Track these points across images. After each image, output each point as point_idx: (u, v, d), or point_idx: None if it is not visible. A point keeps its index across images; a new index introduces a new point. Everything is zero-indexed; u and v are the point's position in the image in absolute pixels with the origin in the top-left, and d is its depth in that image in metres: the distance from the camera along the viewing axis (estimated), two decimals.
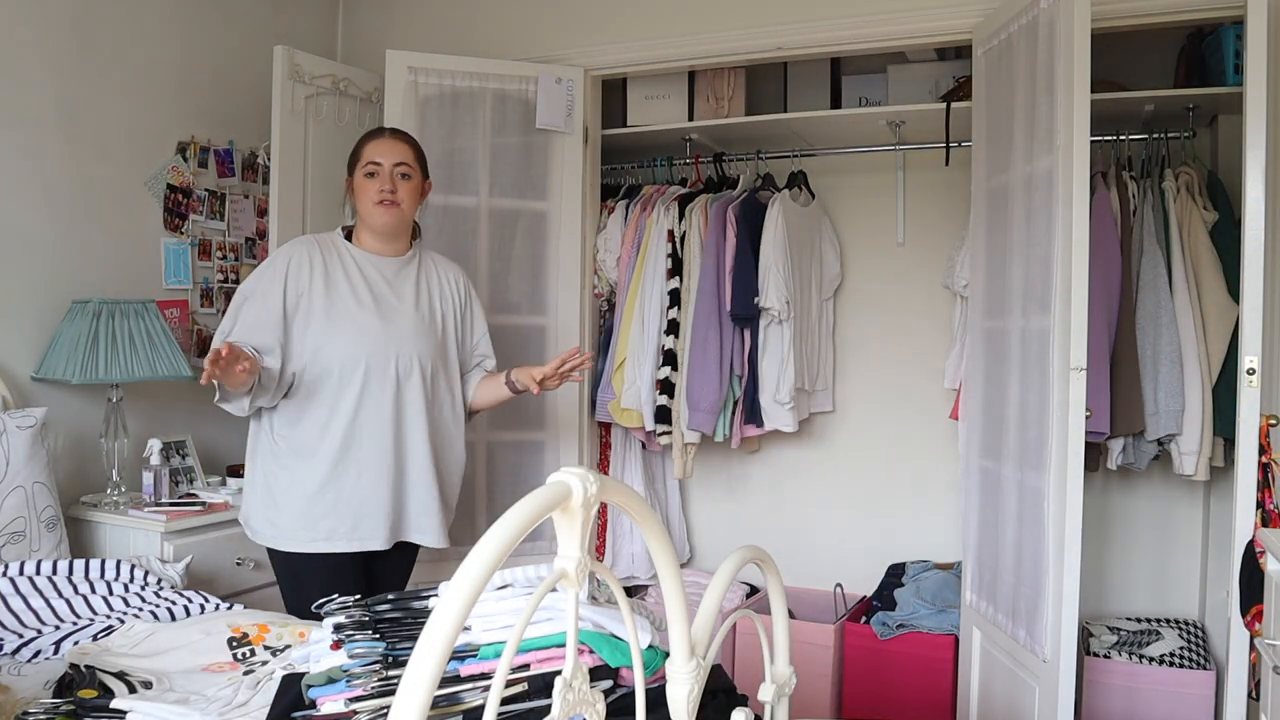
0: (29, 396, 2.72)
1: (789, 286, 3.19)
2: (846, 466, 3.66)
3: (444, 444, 2.46)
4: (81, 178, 2.87)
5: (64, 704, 1.59)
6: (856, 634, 3.16)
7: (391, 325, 2.36)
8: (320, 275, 2.34)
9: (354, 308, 2.34)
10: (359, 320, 2.33)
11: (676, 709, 1.26)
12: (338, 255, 2.39)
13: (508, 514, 0.90)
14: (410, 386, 2.36)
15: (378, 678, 1.43)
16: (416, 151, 2.44)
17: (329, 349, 2.30)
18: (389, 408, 2.33)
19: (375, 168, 2.37)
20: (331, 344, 2.30)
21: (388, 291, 2.40)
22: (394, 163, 2.37)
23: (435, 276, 2.50)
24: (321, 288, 2.33)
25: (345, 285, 2.35)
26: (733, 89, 3.48)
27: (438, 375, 2.43)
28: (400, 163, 2.38)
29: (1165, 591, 3.22)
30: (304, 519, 2.30)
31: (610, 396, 3.40)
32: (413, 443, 2.37)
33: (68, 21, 2.82)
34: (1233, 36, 2.73)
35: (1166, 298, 2.79)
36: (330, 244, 2.41)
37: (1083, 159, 2.27)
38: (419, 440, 2.38)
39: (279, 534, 2.33)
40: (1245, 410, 2.24)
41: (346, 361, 2.30)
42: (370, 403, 2.32)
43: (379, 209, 2.36)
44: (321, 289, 2.33)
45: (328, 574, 2.28)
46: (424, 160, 2.47)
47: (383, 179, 2.36)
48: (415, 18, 3.62)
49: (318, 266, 2.35)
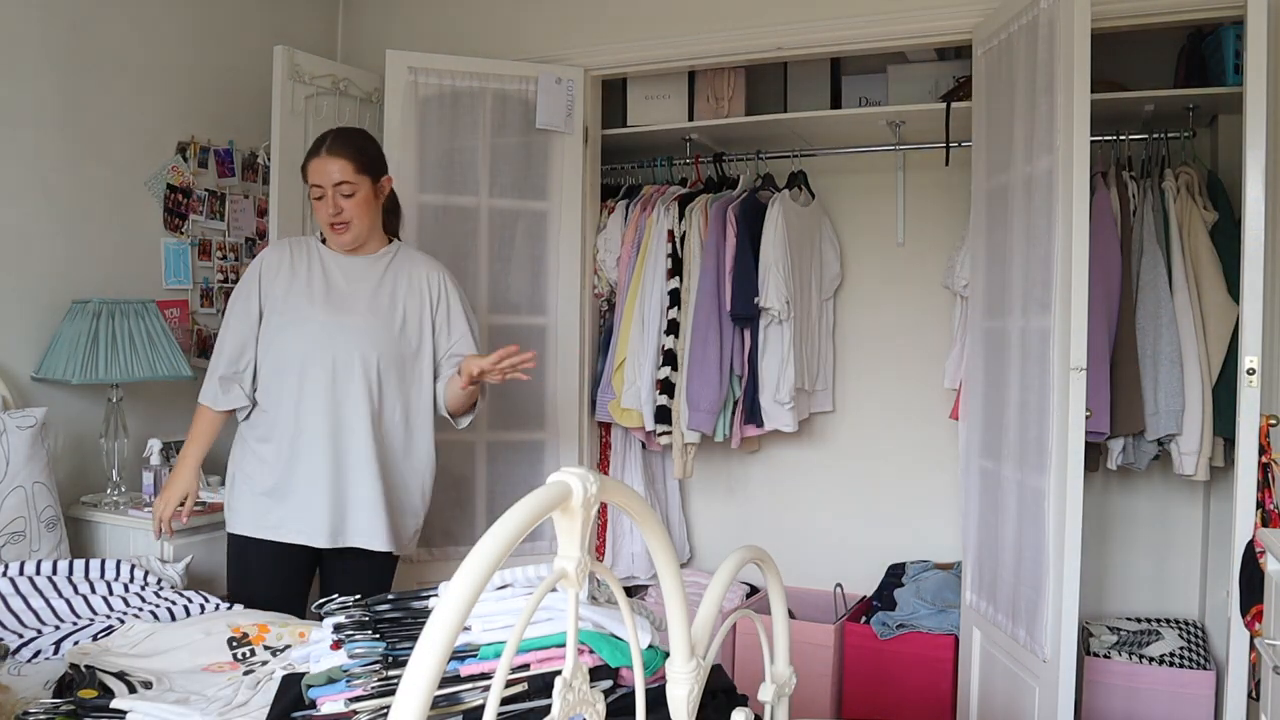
0: (29, 396, 2.72)
1: (789, 286, 3.19)
2: (847, 466, 3.66)
3: (394, 445, 2.40)
4: (81, 178, 2.87)
5: (64, 704, 1.59)
6: (856, 634, 3.16)
7: (336, 321, 2.34)
8: (287, 275, 2.38)
9: (304, 306, 2.36)
10: (304, 317, 2.35)
11: (676, 709, 1.26)
12: (308, 256, 2.41)
13: (508, 514, 0.90)
14: (350, 385, 2.33)
15: (378, 678, 1.43)
16: (358, 161, 2.34)
17: (277, 346, 2.36)
18: (326, 406, 2.32)
19: (319, 190, 2.33)
20: (279, 341, 2.35)
21: (345, 290, 2.39)
22: (334, 184, 2.31)
23: (407, 275, 2.45)
24: (284, 288, 2.37)
25: (304, 284, 2.37)
26: (733, 89, 3.48)
27: (388, 375, 2.38)
28: (340, 182, 2.31)
29: (1165, 591, 3.22)
30: (256, 507, 2.35)
31: (610, 396, 3.40)
32: (354, 442, 2.34)
33: (68, 21, 2.82)
34: (1233, 36, 2.73)
35: (1166, 298, 2.79)
36: (304, 246, 2.44)
37: (1083, 159, 2.27)
38: (361, 440, 2.34)
39: (235, 517, 2.38)
40: (1245, 410, 2.24)
41: (291, 359, 2.34)
42: (309, 400, 2.32)
43: (331, 233, 2.38)
44: (284, 289, 2.37)
45: (274, 564, 2.33)
46: (372, 162, 2.39)
47: (327, 203, 2.32)
48: (415, 18, 3.62)
49: (285, 267, 2.39)
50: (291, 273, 2.39)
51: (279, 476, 2.33)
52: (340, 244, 2.40)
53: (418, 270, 2.47)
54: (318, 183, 2.33)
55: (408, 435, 2.43)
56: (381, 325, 2.38)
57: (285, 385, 2.34)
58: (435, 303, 2.47)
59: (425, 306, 2.45)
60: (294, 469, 2.33)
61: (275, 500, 2.33)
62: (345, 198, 2.32)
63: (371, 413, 2.35)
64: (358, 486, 2.35)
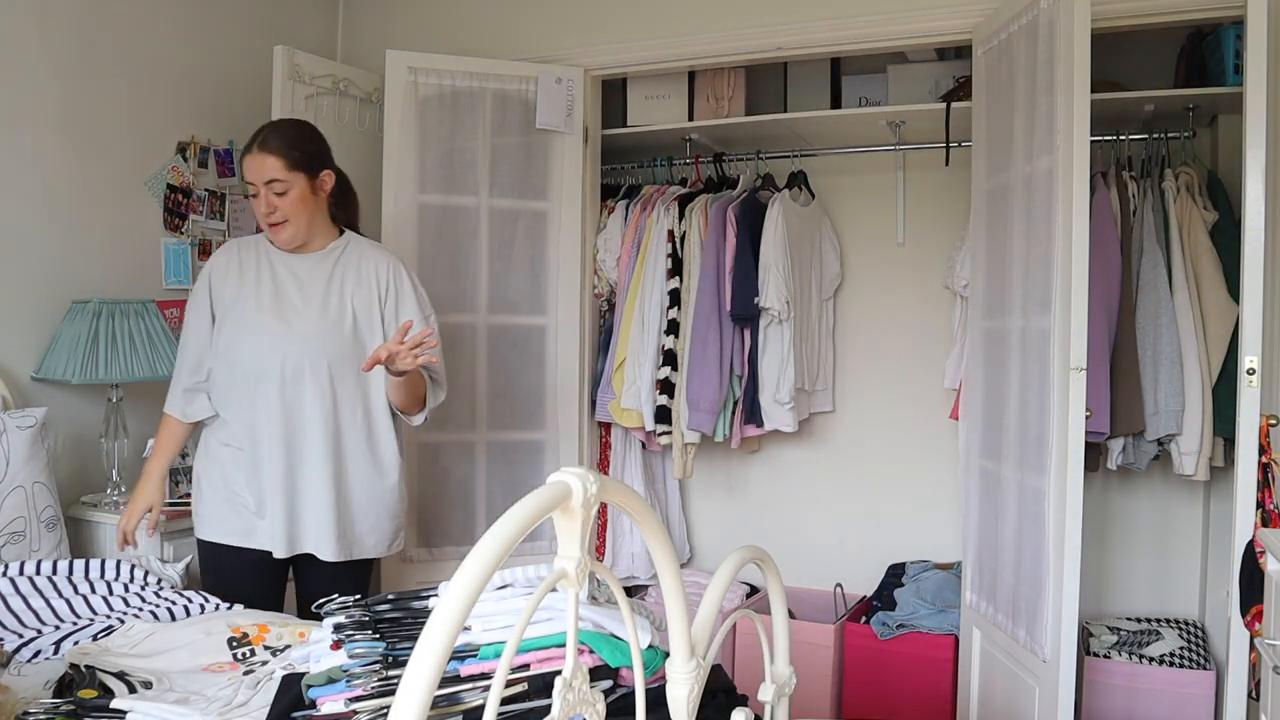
0: (29, 396, 2.72)
1: (789, 286, 3.19)
2: (846, 466, 3.66)
3: (354, 448, 2.35)
4: (81, 178, 2.87)
5: (64, 704, 1.59)
6: (856, 634, 3.16)
7: (285, 328, 2.28)
8: (236, 280, 2.34)
9: (253, 312, 2.30)
10: (254, 324, 2.29)
11: (676, 709, 1.26)
12: (257, 257, 2.36)
13: (508, 514, 0.90)
14: (302, 392, 2.28)
15: (378, 678, 1.43)
16: (289, 158, 2.26)
17: (229, 358, 2.31)
18: (280, 415, 2.27)
19: (253, 188, 2.28)
20: (232, 349, 2.31)
21: (295, 293, 2.32)
22: (265, 181, 2.25)
23: (355, 270, 2.37)
24: (235, 293, 2.32)
25: (253, 289, 2.32)
26: (733, 89, 3.48)
27: (342, 378, 2.31)
28: (271, 180, 2.25)
29: (1165, 591, 3.22)
30: (221, 513, 2.34)
31: (610, 396, 3.40)
32: (308, 450, 2.29)
33: (68, 21, 2.82)
34: (1233, 36, 2.73)
35: (1166, 298, 2.79)
36: (253, 247, 2.38)
37: (1083, 159, 2.27)
38: (315, 447, 2.29)
39: (203, 523, 2.37)
40: (1245, 410, 2.24)
41: (243, 369, 2.29)
42: (263, 411, 2.28)
43: (271, 231, 2.32)
44: (235, 294, 2.32)
45: (246, 569, 2.32)
46: (307, 158, 2.30)
47: (260, 201, 2.27)
48: (415, 18, 3.62)
49: (234, 271, 2.34)
50: (240, 278, 2.33)
51: (240, 484, 2.31)
52: (280, 242, 2.33)
53: (366, 264, 2.38)
54: (250, 180, 2.27)
55: (371, 437, 2.36)
56: (331, 328, 2.31)
57: (240, 395, 2.30)
58: (384, 296, 2.38)
59: (374, 302, 2.37)
60: (254, 477, 2.31)
61: (238, 507, 2.32)
62: (278, 196, 2.26)
63: (325, 419, 2.29)
64: (309, 494, 2.30)
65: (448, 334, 3.25)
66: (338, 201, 2.42)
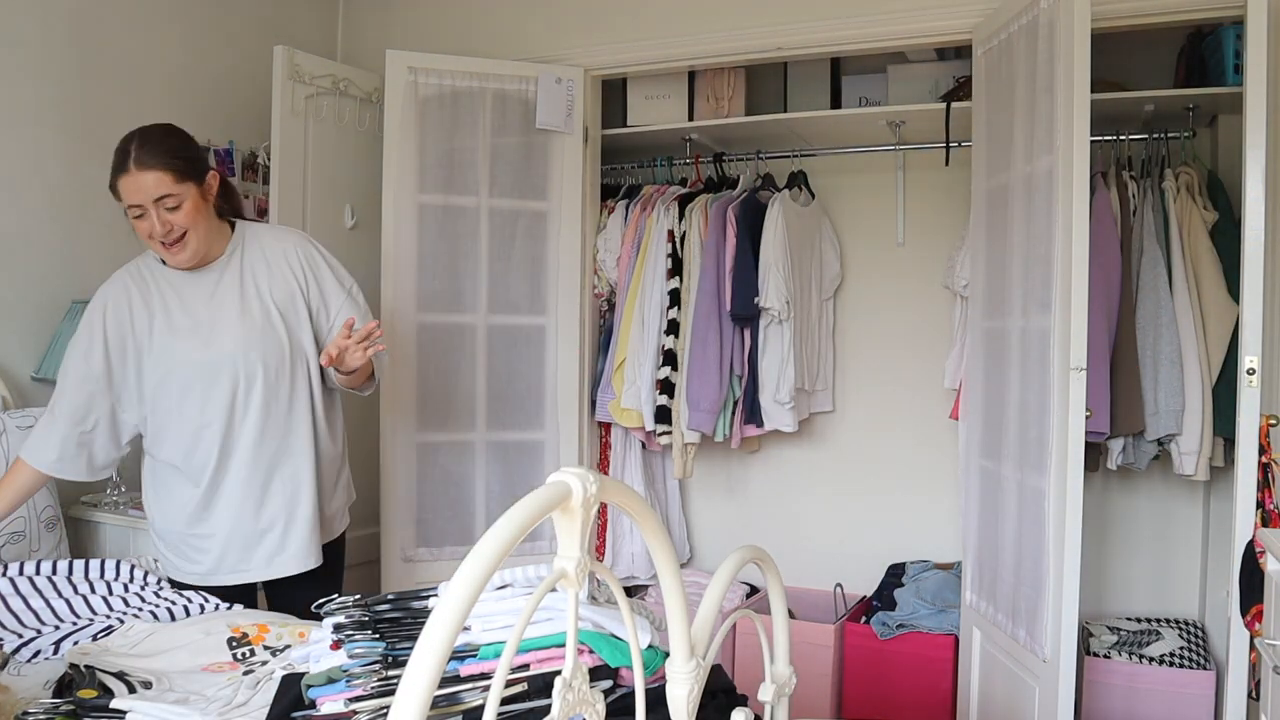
0: (29, 396, 2.72)
1: (789, 286, 3.19)
2: (846, 466, 3.66)
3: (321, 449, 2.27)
4: (81, 178, 2.87)
5: (64, 704, 1.59)
6: (856, 634, 3.16)
7: (212, 353, 2.15)
8: (142, 314, 2.17)
9: (171, 342, 2.16)
10: (180, 359, 2.16)
11: (676, 709, 1.26)
12: (153, 284, 2.20)
13: (508, 514, 0.90)
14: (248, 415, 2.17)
15: (378, 678, 1.43)
16: (175, 169, 2.06)
17: (161, 393, 2.17)
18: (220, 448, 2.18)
19: (138, 210, 2.06)
20: (162, 394, 2.17)
21: (204, 312, 2.17)
22: (154, 199, 2.04)
23: (264, 264, 2.22)
24: (145, 328, 2.17)
25: (163, 319, 2.17)
26: (733, 89, 3.48)
27: (282, 378, 2.20)
28: (161, 196, 2.04)
29: (1165, 591, 3.22)
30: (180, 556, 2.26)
31: (610, 396, 3.40)
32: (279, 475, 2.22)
33: (67, 21, 2.82)
34: (1233, 36, 2.73)
35: (1166, 298, 2.79)
36: (144, 274, 2.21)
37: (1083, 159, 2.27)
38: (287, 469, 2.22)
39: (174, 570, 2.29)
40: (1245, 410, 2.24)
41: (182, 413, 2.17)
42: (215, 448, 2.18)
43: (168, 253, 2.12)
44: (145, 329, 2.17)
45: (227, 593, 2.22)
46: (192, 165, 2.11)
47: (151, 221, 2.06)
48: (415, 18, 3.62)
49: (136, 305, 2.18)
50: (147, 309, 2.17)
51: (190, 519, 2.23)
52: (179, 263, 2.14)
53: (274, 255, 2.24)
54: (135, 202, 2.05)
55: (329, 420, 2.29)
56: (259, 336, 2.18)
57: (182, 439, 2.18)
58: (305, 285, 2.25)
59: (295, 293, 2.23)
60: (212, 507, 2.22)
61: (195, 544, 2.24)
62: (170, 211, 2.06)
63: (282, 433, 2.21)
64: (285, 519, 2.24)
65: (448, 334, 3.27)
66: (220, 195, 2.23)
